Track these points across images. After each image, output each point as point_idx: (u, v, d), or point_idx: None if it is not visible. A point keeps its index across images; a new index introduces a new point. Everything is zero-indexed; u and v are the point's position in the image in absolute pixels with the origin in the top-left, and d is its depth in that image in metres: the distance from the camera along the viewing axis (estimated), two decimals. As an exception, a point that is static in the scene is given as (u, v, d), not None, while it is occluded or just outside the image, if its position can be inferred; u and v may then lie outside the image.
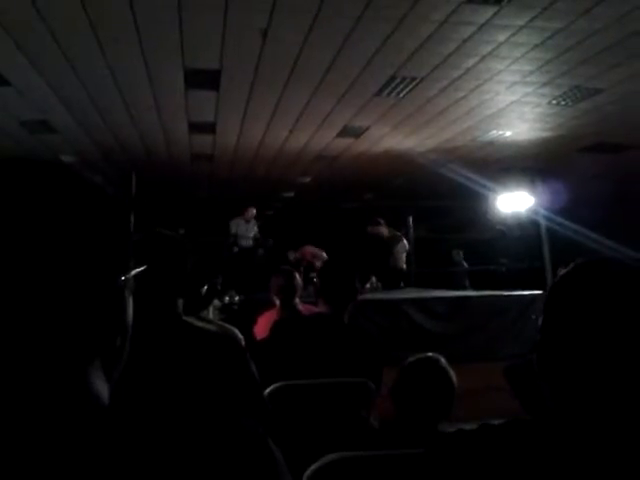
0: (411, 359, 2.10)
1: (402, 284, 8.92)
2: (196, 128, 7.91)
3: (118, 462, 0.51)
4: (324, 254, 9.36)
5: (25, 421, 0.51)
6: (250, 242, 9.85)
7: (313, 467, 1.49)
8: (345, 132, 8.16)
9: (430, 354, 2.11)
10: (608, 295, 0.88)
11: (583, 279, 0.93)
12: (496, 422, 0.92)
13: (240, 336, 2.59)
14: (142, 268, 0.63)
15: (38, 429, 0.51)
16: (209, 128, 7.89)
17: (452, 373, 2.04)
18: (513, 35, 4.90)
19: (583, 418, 0.85)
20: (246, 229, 9.83)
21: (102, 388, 0.58)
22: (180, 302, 1.59)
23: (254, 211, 9.91)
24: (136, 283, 0.63)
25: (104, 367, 0.59)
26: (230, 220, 9.99)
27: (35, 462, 0.49)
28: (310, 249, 9.61)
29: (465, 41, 5.02)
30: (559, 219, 10.10)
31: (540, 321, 0.96)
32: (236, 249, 9.60)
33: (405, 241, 9.25)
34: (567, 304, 0.92)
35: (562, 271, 0.98)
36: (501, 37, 4.95)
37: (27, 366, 0.53)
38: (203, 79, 5.94)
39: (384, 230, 9.05)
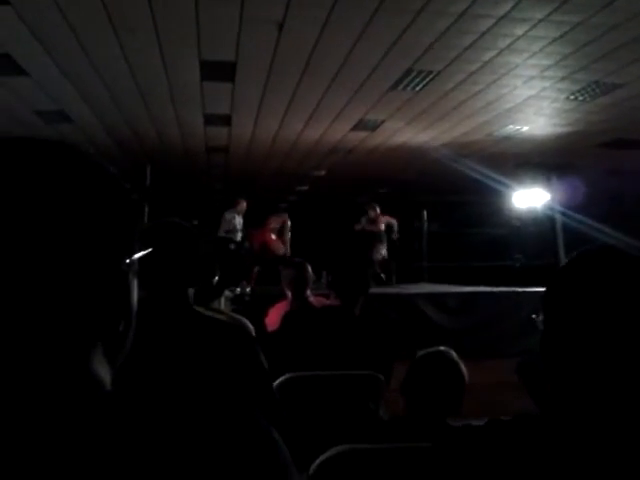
0: (422, 353, 2.09)
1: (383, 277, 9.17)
2: (211, 120, 7.92)
3: (119, 449, 0.51)
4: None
5: (26, 406, 0.51)
6: (239, 237, 9.70)
7: (321, 458, 1.50)
8: (360, 126, 8.13)
9: (442, 348, 2.09)
10: (608, 285, 0.87)
11: (582, 270, 0.92)
12: (504, 418, 0.92)
13: (250, 326, 2.60)
14: (147, 251, 0.63)
15: (39, 414, 0.51)
16: (224, 120, 7.90)
17: (463, 367, 2.03)
18: (531, 29, 4.84)
19: (587, 412, 0.84)
20: (239, 223, 9.69)
21: (104, 373, 0.58)
22: (191, 291, 1.59)
23: (245, 204, 9.76)
24: (147, 271, 0.62)
25: (107, 352, 0.59)
26: (225, 212, 9.74)
27: (35, 447, 0.49)
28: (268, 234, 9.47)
29: (483, 34, 4.98)
30: (575, 215, 10.02)
31: (540, 319, 0.95)
32: (232, 246, 9.40)
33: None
34: (567, 296, 0.91)
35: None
36: (519, 30, 4.90)
37: (28, 350, 0.52)
38: (219, 71, 5.95)
39: (373, 213, 9.34)
